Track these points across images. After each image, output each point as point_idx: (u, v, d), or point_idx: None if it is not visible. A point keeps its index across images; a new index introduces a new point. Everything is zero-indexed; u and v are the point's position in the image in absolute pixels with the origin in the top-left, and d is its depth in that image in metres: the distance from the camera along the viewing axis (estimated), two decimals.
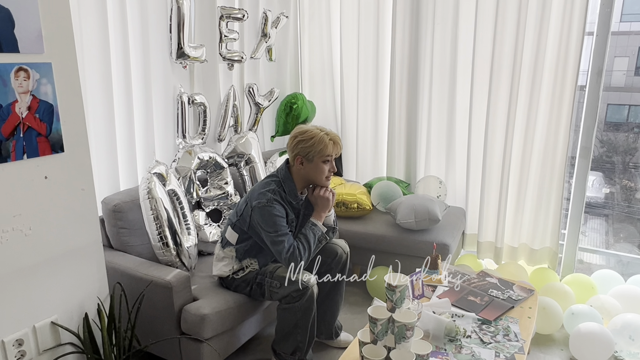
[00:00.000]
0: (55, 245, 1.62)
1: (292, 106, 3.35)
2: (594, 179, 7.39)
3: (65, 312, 1.69)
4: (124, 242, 2.22)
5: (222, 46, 2.78)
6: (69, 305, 1.69)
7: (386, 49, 3.27)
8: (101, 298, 1.79)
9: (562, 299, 2.56)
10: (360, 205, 3.00)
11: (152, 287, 1.99)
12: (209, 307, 1.99)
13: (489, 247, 3.12)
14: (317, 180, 2.10)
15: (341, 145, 2.13)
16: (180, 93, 2.56)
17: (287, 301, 2.03)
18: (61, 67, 1.55)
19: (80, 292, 1.73)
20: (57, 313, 1.66)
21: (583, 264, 3.80)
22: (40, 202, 1.56)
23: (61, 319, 1.67)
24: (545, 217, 2.95)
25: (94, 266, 1.76)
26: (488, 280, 2.31)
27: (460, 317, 1.98)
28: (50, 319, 1.64)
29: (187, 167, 2.47)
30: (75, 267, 1.70)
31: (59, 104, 1.55)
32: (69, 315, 1.70)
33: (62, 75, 1.55)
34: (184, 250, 2.23)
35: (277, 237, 2.00)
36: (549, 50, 2.74)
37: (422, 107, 3.21)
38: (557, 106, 2.78)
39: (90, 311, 1.75)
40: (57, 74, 1.53)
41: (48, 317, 1.64)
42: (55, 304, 1.65)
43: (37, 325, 1.60)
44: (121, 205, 2.19)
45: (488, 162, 3.00)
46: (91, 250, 1.74)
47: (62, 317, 1.68)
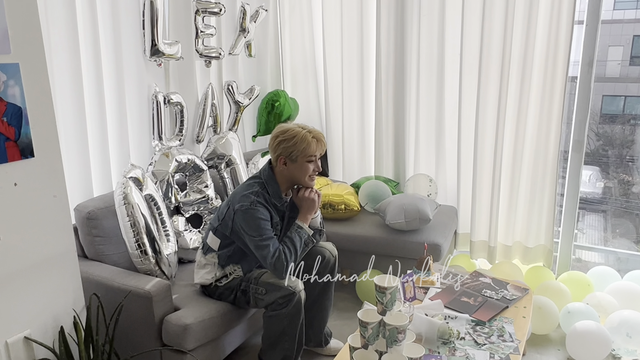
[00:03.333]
0: (27, 255, 1.63)
1: (274, 104, 3.38)
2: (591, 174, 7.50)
3: (40, 326, 1.69)
4: (99, 251, 2.23)
5: (199, 42, 2.80)
6: (43, 319, 1.70)
7: (371, 42, 3.30)
8: (77, 310, 1.80)
9: (558, 298, 2.63)
10: (348, 206, 3.03)
11: (130, 297, 1.99)
12: (191, 317, 2.01)
13: (482, 246, 3.18)
14: (301, 180, 2.13)
15: (325, 143, 2.16)
16: (156, 92, 2.56)
17: (273, 308, 2.05)
18: (29, 67, 1.56)
19: (55, 304, 1.73)
20: (30, 327, 1.66)
21: (581, 262, 3.89)
22: (9, 210, 1.56)
23: (35, 334, 1.68)
24: (539, 214, 3.01)
25: (68, 277, 1.77)
26: (481, 281, 2.36)
27: (453, 318, 2.03)
28: (23, 334, 1.64)
29: (165, 170, 2.48)
30: (49, 279, 1.70)
31: (28, 107, 1.57)
32: (43, 329, 1.70)
33: (31, 76, 1.56)
34: (164, 258, 2.24)
35: (262, 242, 2.02)
36: (539, 40, 2.81)
37: (409, 102, 3.25)
38: (548, 99, 2.85)
39: (66, 324, 1.76)
40: (25, 75, 1.55)
41: (21, 332, 1.64)
42: (29, 317, 1.66)
43: (9, 341, 1.61)
44: (95, 212, 2.19)
45: (479, 158, 3.05)
46: (65, 260, 1.75)
47: (36, 331, 1.68)
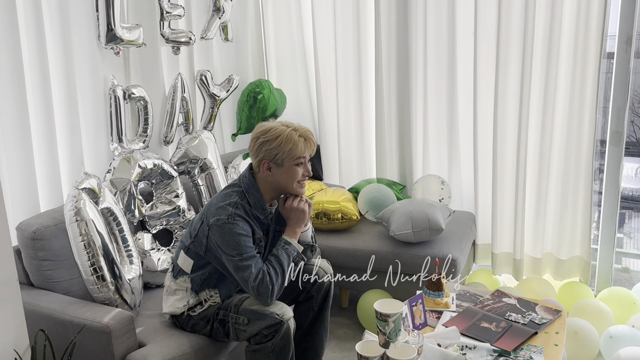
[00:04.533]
0: None
1: (257, 96, 3.36)
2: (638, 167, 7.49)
3: None
4: (47, 278, 2.20)
5: (164, 25, 2.79)
6: None
7: (369, 22, 3.30)
8: (19, 351, 1.77)
9: (598, 320, 2.60)
10: (346, 215, 3.01)
11: (85, 332, 1.96)
12: (159, 355, 1.99)
13: (506, 259, 3.16)
14: (289, 187, 2.12)
15: (315, 142, 2.15)
16: (113, 86, 2.55)
17: (258, 340, 2.02)
18: None
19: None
20: None
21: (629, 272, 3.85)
22: None
23: None
24: (573, 218, 2.99)
25: (8, 310, 1.74)
26: (505, 301, 2.34)
27: (471, 348, 2.00)
28: None
29: (126, 178, 2.47)
30: None
31: None
32: None
33: None
34: (125, 284, 2.22)
35: (242, 262, 1.99)
36: (567, 12, 2.78)
37: (415, 91, 3.24)
38: (580, 82, 2.83)
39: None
40: None
41: None
42: None
43: None
44: (42, 231, 2.17)
45: (499, 155, 3.03)
46: (4, 290, 1.72)
47: None
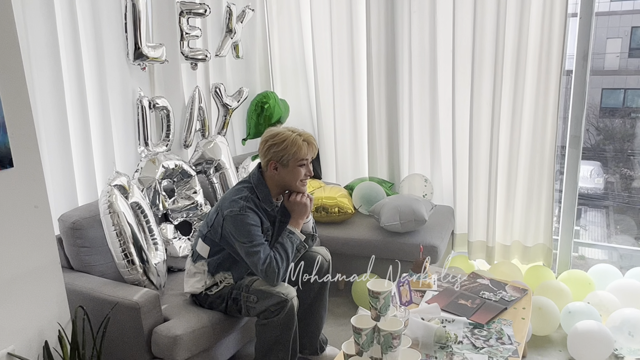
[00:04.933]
0: (9, 268, 1.62)
1: (264, 106, 3.37)
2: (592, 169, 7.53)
3: (23, 341, 1.68)
4: (85, 262, 2.22)
5: (184, 44, 2.80)
6: (27, 334, 1.69)
7: (361, 40, 3.31)
8: (62, 324, 1.80)
9: (559, 298, 2.63)
10: (342, 209, 3.04)
11: (118, 309, 1.99)
12: (182, 327, 2.00)
13: (480, 246, 3.19)
14: (292, 185, 2.14)
15: (316, 145, 2.17)
16: (140, 97, 2.56)
17: (266, 316, 2.05)
18: (6, 75, 1.55)
19: (39, 318, 1.73)
20: (14, 343, 1.66)
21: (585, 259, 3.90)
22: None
23: (19, 349, 1.67)
24: (537, 212, 3.02)
25: (52, 289, 1.77)
26: (479, 282, 2.37)
27: (450, 322, 2.03)
28: (6, 350, 1.63)
29: (151, 177, 2.48)
30: (32, 292, 1.70)
31: (5, 115, 1.56)
32: (27, 344, 1.69)
33: (8, 83, 1.56)
34: (152, 268, 2.23)
35: (252, 248, 2.02)
36: (532, 34, 2.82)
37: (402, 100, 3.26)
38: (544, 94, 2.86)
39: (51, 339, 1.75)
40: (2, 83, 1.54)
41: (4, 348, 1.63)
42: (12, 332, 1.65)
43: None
44: (80, 222, 2.18)
45: (475, 156, 3.06)
46: (49, 272, 1.75)
47: (20, 346, 1.67)
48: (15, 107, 1.58)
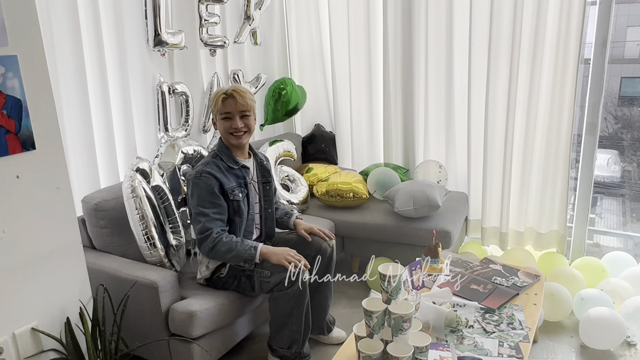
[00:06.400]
0: (32, 247, 1.64)
1: (281, 92, 3.36)
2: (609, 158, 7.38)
3: (46, 317, 1.71)
4: (107, 242, 2.24)
5: (203, 31, 2.79)
6: (49, 310, 1.72)
7: (378, 27, 3.26)
8: (83, 301, 1.82)
9: (571, 284, 2.59)
10: (357, 194, 3.01)
11: (137, 287, 2.01)
12: (197, 305, 2.02)
13: (493, 232, 3.14)
14: (226, 138, 2.16)
15: (243, 99, 2.10)
16: (160, 83, 2.56)
17: (279, 288, 2.04)
18: (28, 59, 1.55)
19: (61, 295, 1.75)
20: (37, 318, 1.68)
21: (600, 247, 3.82)
22: (13, 203, 1.57)
23: (42, 325, 1.69)
24: (552, 199, 2.96)
25: (74, 268, 1.78)
26: (492, 268, 2.33)
27: (462, 306, 2.01)
28: (30, 325, 1.66)
29: (171, 162, 2.48)
30: (55, 270, 1.72)
31: (28, 99, 1.57)
32: (50, 320, 1.72)
33: (30, 68, 1.56)
34: (171, 250, 2.25)
35: (197, 216, 2.05)
36: (550, 21, 2.73)
37: (418, 87, 3.21)
38: (560, 81, 2.78)
39: (73, 315, 1.78)
40: (23, 67, 1.54)
41: (28, 323, 1.66)
42: (35, 309, 1.68)
43: (16, 332, 1.63)
44: (102, 203, 2.20)
45: (489, 143, 3.01)
46: (70, 252, 1.76)
47: (43, 322, 1.70)
48: (37, 92, 1.59)
